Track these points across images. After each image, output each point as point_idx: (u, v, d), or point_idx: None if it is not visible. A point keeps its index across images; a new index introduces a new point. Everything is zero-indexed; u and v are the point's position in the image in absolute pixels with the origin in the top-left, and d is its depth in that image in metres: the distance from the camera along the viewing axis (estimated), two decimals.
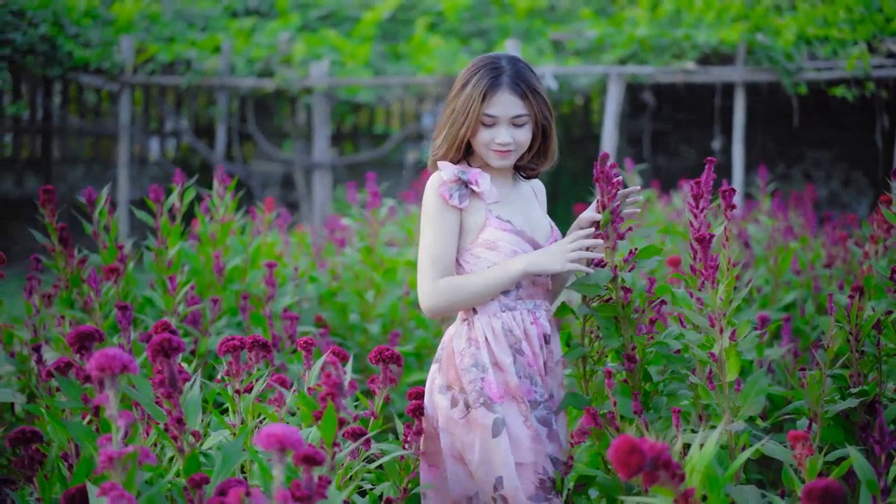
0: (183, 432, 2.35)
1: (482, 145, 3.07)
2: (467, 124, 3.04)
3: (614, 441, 1.91)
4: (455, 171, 3.08)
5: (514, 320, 3.07)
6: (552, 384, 3.13)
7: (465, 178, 3.07)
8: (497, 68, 3.05)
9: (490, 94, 3.03)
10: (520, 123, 3.07)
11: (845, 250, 6.17)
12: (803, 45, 11.89)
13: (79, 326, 2.36)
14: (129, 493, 2.01)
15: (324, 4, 14.46)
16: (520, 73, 3.07)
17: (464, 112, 3.05)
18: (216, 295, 4.70)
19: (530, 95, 3.06)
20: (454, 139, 3.07)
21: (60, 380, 2.48)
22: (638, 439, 1.92)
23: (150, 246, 4.72)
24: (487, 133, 3.05)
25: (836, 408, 3.12)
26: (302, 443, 1.98)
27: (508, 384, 3.03)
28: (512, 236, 3.07)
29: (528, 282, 3.10)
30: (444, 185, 3.07)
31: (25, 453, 2.43)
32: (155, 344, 2.28)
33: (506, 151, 3.07)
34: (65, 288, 4.51)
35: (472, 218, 3.09)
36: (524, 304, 3.10)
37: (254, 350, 2.71)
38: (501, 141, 3.05)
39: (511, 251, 3.05)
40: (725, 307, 2.88)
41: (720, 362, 2.92)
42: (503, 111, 3.03)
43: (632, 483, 3.01)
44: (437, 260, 3.06)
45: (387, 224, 5.77)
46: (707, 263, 2.85)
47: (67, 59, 12.14)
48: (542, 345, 3.10)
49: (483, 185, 3.08)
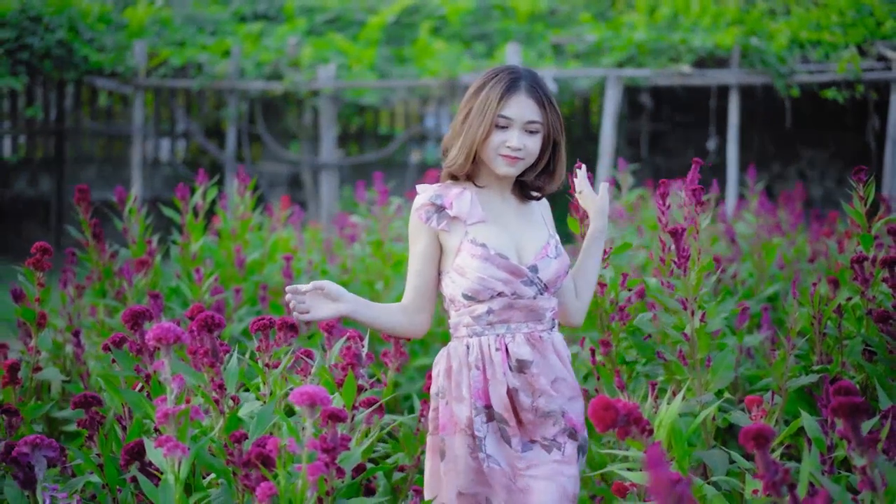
0: (224, 397, 2.73)
1: (492, 149, 3.00)
2: (483, 126, 2.98)
3: (592, 400, 2.27)
4: (430, 195, 3.06)
5: (479, 347, 3.02)
6: (539, 410, 3.01)
7: (438, 202, 3.03)
8: (515, 73, 3.03)
9: (507, 95, 2.98)
10: (532, 130, 3.01)
11: (827, 246, 6.52)
12: (796, 48, 12.24)
13: (132, 306, 2.74)
14: (183, 444, 2.39)
15: (330, 9, 14.82)
16: (538, 80, 3.05)
17: (480, 114, 2.99)
18: (237, 286, 5.07)
19: (546, 104, 3.03)
20: (470, 145, 3.00)
21: (116, 353, 2.85)
22: (612, 399, 2.29)
23: (176, 240, 5.10)
24: (500, 136, 2.99)
25: (798, 382, 3.49)
26: (330, 399, 2.36)
27: (458, 417, 3.01)
28: (479, 262, 2.98)
29: (501, 305, 3.00)
30: (420, 207, 3.06)
31: (87, 415, 2.81)
32: (200, 320, 2.66)
33: (515, 158, 3.00)
34: (97, 279, 4.88)
35: (451, 240, 3.04)
36: (493, 330, 3.02)
37: (282, 330, 3.07)
38: (513, 144, 2.99)
39: (477, 278, 2.98)
40: (696, 292, 3.25)
41: (692, 341, 3.30)
42: (518, 114, 2.99)
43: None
44: (410, 281, 3.11)
45: (395, 220, 6.14)
46: (679, 253, 3.22)
47: (83, 62, 12.52)
48: (508, 372, 2.99)
49: (459, 207, 3.03)
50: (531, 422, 3.01)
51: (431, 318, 3.16)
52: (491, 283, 2.98)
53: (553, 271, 3.05)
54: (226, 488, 2.76)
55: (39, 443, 2.66)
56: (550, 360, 3.03)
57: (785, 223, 7.83)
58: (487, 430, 3.00)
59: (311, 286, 2.99)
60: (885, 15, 12.13)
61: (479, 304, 3.01)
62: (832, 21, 12.31)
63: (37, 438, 2.65)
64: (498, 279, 2.98)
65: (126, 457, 2.64)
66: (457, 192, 3.05)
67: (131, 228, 5.01)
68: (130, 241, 5.00)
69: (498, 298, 3.00)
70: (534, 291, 3.03)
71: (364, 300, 3.08)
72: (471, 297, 3.01)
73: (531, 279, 3.02)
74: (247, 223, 5.28)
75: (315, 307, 3.00)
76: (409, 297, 3.12)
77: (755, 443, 2.04)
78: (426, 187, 3.10)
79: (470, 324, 3.03)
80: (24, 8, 12.06)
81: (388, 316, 3.10)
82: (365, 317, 3.05)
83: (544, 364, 3.02)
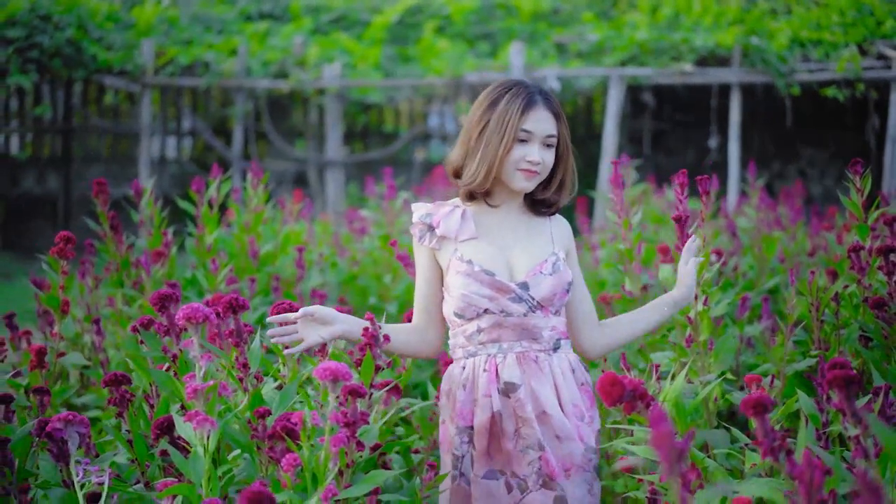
0: (248, 375, 2.86)
1: (511, 164, 2.98)
2: (506, 141, 2.96)
3: (601, 376, 2.40)
4: (421, 213, 3.07)
5: (472, 367, 3.01)
6: (519, 441, 2.96)
7: (428, 221, 3.05)
8: (528, 86, 3.03)
9: (528, 109, 2.97)
10: (549, 144, 3.01)
11: (826, 239, 6.66)
12: (797, 47, 12.36)
13: (159, 290, 2.87)
14: (212, 418, 2.52)
15: (335, 8, 14.96)
16: (549, 94, 3.04)
17: (500, 129, 2.96)
18: (251, 276, 5.20)
19: (560, 117, 3.04)
20: (492, 161, 2.98)
21: (144, 334, 2.99)
22: (620, 375, 2.41)
23: (192, 232, 5.23)
24: (520, 150, 2.97)
25: (796, 366, 3.63)
26: (351, 375, 2.49)
27: (449, 436, 3.04)
28: (462, 279, 2.97)
29: (490, 323, 2.98)
30: (413, 226, 3.08)
31: (117, 393, 2.94)
32: (225, 302, 2.79)
33: (533, 172, 2.99)
34: (115, 270, 5.01)
35: (442, 257, 3.05)
36: (485, 349, 3.00)
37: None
38: (533, 159, 2.97)
39: (460, 295, 2.97)
40: (700, 276, 3.38)
41: (695, 324, 3.43)
42: (539, 127, 2.98)
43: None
44: (416, 299, 3.13)
45: (402, 215, 6.28)
46: (684, 239, 3.35)
47: (92, 61, 12.65)
48: (494, 394, 2.96)
49: (447, 225, 3.03)
50: (508, 451, 2.95)
51: (442, 336, 3.13)
52: (475, 300, 2.96)
53: (547, 289, 2.99)
54: (249, 462, 2.90)
55: (72, 419, 2.78)
56: (542, 386, 2.95)
57: (785, 218, 7.97)
58: (466, 451, 2.99)
59: (301, 313, 2.96)
60: (885, 14, 12.26)
61: (468, 322, 3.00)
62: (832, 20, 12.44)
63: (69, 415, 2.77)
64: (482, 296, 2.95)
65: (156, 431, 2.78)
66: (446, 211, 3.05)
67: (147, 221, 5.13)
68: (147, 232, 5.12)
69: (486, 316, 2.97)
70: (524, 308, 2.97)
71: (360, 320, 3.01)
72: (460, 316, 3.00)
73: (519, 296, 2.97)
74: (260, 216, 5.42)
75: (307, 334, 2.97)
76: (416, 315, 3.13)
77: (754, 410, 2.17)
78: (419, 206, 3.11)
79: (464, 344, 3.03)
80: (34, 7, 12.20)
81: (394, 336, 3.05)
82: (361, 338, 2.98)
83: (532, 390, 2.95)
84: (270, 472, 2.77)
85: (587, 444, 2.98)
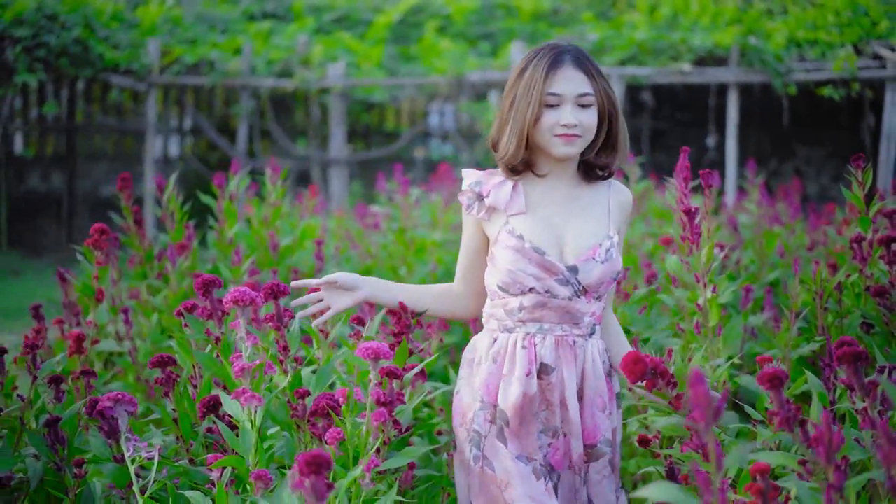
0: (287, 357, 3.03)
1: (546, 131, 2.84)
2: (532, 107, 2.81)
3: (624, 355, 2.56)
4: (471, 181, 2.96)
5: (506, 342, 2.90)
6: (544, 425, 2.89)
7: (478, 190, 2.93)
8: (557, 47, 2.87)
9: (552, 70, 2.82)
10: (585, 104, 2.84)
11: (826, 235, 6.84)
12: (793, 47, 12.53)
13: (202, 275, 3.04)
14: (258, 395, 2.69)
15: (337, 8, 15.12)
16: (583, 52, 2.88)
17: (526, 95, 2.83)
18: (272, 269, 5.37)
19: (595, 75, 2.86)
20: (521, 130, 2.84)
21: (188, 317, 3.15)
22: (642, 353, 2.58)
23: (213, 226, 5.40)
24: (551, 115, 2.83)
25: (800, 351, 3.81)
26: (391, 354, 2.66)
27: (465, 410, 2.94)
28: (511, 254, 2.85)
29: (533, 302, 2.87)
30: (463, 194, 2.98)
31: (164, 374, 3.11)
32: (268, 288, 2.96)
33: (572, 136, 2.83)
34: (139, 263, 5.18)
35: (491, 228, 2.94)
36: (525, 327, 2.88)
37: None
38: (567, 121, 2.81)
39: (506, 270, 2.85)
40: (708, 266, 3.56)
41: (704, 311, 3.61)
42: (568, 88, 2.82)
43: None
44: (458, 264, 3.07)
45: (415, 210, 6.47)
46: (693, 230, 3.53)
47: (98, 60, 12.79)
48: (531, 374, 2.85)
49: (497, 196, 2.91)
50: (531, 434, 2.87)
51: (480, 305, 3.05)
52: (521, 277, 2.84)
53: (596, 276, 2.87)
54: (288, 440, 3.08)
55: (121, 398, 2.94)
56: (571, 374, 2.86)
57: (784, 215, 8.16)
58: (489, 430, 2.87)
59: (324, 280, 3.01)
60: (880, 15, 12.43)
61: (511, 297, 2.88)
62: (828, 21, 12.61)
63: (119, 394, 2.93)
64: (529, 274, 2.84)
65: (203, 409, 2.95)
66: (497, 181, 2.92)
67: (169, 215, 5.28)
68: (169, 226, 5.28)
69: (530, 294, 2.86)
70: (569, 292, 2.86)
71: (384, 283, 3.05)
72: (504, 290, 2.89)
73: (567, 279, 2.85)
74: (279, 210, 5.59)
75: (333, 301, 3.01)
76: (456, 279, 3.08)
77: (770, 384, 2.34)
78: (470, 173, 3.00)
79: (502, 317, 2.91)
80: (40, 6, 12.33)
81: (420, 298, 3.05)
82: (388, 300, 3.02)
83: (559, 377, 2.86)
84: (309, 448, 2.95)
85: (604, 436, 2.91)
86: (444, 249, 6.39)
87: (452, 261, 6.13)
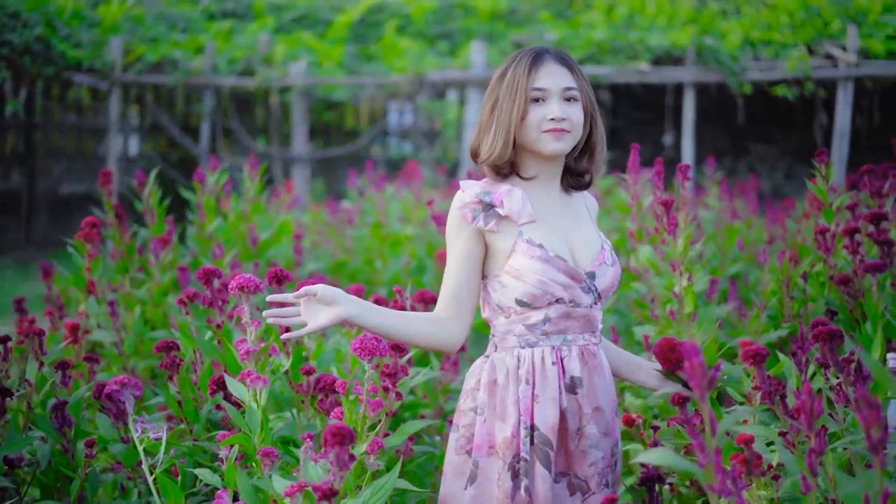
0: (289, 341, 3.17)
1: (534, 128, 2.74)
2: (517, 105, 2.73)
3: (659, 341, 2.69)
4: (477, 191, 2.76)
5: (532, 359, 2.74)
6: (582, 439, 2.75)
7: (487, 199, 2.74)
8: (537, 48, 2.81)
9: (535, 67, 2.75)
10: (571, 98, 2.76)
11: (783, 229, 7.07)
12: (748, 47, 12.78)
13: (204, 266, 3.17)
14: (264, 376, 2.83)
15: (297, 7, 15.21)
16: (561, 52, 2.81)
17: (510, 94, 2.75)
18: (252, 262, 5.50)
19: (578, 71, 2.79)
20: (507, 129, 2.74)
21: (191, 306, 3.29)
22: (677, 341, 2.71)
23: (194, 220, 5.52)
24: (538, 111, 2.74)
25: (769, 337, 3.99)
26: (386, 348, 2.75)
27: (495, 438, 2.73)
28: (540, 265, 2.69)
29: (558, 313, 2.74)
30: (465, 206, 2.76)
31: (168, 358, 3.23)
32: (271, 273, 3.10)
33: (560, 130, 2.73)
34: (120, 257, 5.28)
35: (501, 241, 2.74)
36: (549, 340, 2.74)
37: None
38: (555, 115, 2.72)
39: (537, 281, 2.68)
40: (684, 255, 3.74)
41: (680, 299, 3.78)
42: (552, 82, 2.74)
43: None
44: (447, 284, 2.80)
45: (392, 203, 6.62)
46: (669, 221, 3.70)
47: (61, 58, 12.79)
48: (562, 391, 2.73)
49: (511, 205, 2.74)
50: (571, 451, 2.74)
51: (468, 328, 2.83)
52: (551, 288, 2.69)
53: (609, 280, 2.81)
54: (290, 421, 3.22)
55: (127, 382, 3.06)
56: (596, 382, 2.76)
57: (742, 210, 8.39)
58: (532, 454, 2.69)
59: (303, 292, 2.73)
60: (831, 16, 12.71)
61: (534, 311, 2.73)
62: (782, 21, 12.86)
63: (125, 378, 3.05)
64: (558, 283, 2.70)
65: (212, 387, 3.08)
66: (506, 189, 2.76)
67: (150, 210, 5.38)
68: (149, 221, 5.38)
69: (556, 305, 2.72)
70: (590, 299, 2.77)
71: (370, 304, 2.78)
72: (526, 304, 2.73)
73: (588, 286, 2.76)
74: (257, 206, 5.72)
75: (311, 316, 2.73)
76: (443, 303, 2.79)
77: (753, 360, 2.52)
78: (470, 183, 2.81)
79: (522, 333, 2.75)
80: (2, 4, 12.32)
81: (407, 326, 2.77)
82: (372, 324, 2.72)
83: (589, 387, 2.75)
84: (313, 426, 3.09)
85: (617, 437, 2.83)
86: (415, 243, 6.54)
87: (424, 255, 6.28)
